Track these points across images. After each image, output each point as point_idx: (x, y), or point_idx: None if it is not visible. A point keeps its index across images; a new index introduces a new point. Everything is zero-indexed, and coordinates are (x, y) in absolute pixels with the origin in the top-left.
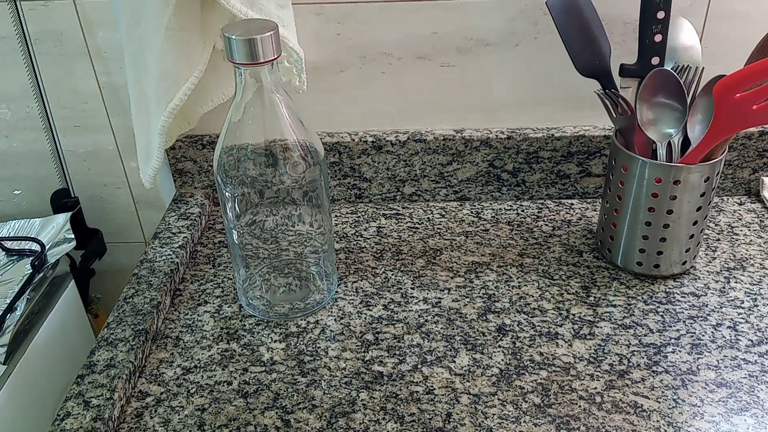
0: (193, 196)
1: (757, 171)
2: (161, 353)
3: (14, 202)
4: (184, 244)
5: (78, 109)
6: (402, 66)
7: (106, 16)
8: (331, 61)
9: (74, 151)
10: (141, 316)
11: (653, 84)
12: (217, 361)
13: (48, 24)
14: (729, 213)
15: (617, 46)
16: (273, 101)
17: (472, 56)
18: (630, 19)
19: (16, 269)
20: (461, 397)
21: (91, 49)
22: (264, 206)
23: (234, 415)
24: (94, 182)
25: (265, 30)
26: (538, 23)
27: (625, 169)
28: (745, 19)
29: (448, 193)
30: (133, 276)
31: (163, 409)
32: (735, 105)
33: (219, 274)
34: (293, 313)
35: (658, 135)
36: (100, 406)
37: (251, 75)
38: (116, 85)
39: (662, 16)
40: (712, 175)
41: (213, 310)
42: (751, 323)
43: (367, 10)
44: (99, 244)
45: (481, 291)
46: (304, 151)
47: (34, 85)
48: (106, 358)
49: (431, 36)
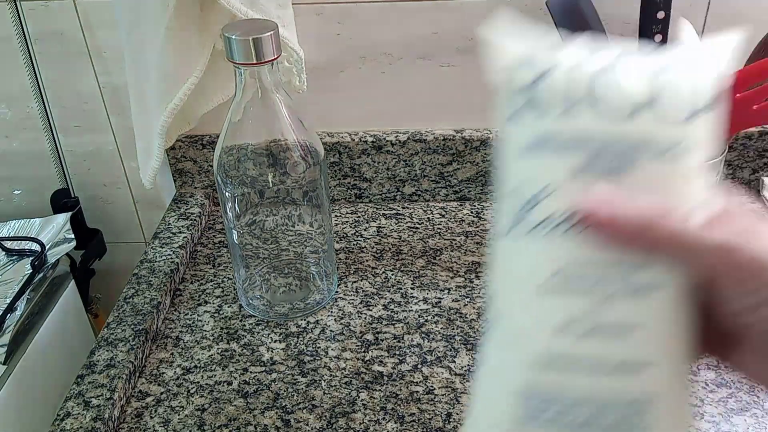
0: (193, 196)
1: (758, 171)
2: (161, 353)
3: (14, 202)
4: (184, 244)
5: (78, 109)
6: (402, 66)
7: (106, 16)
8: (331, 61)
9: (74, 151)
10: (141, 316)
11: None
12: (217, 361)
13: (48, 24)
14: None
15: None
16: (273, 101)
17: (473, 56)
18: (630, 19)
19: (16, 269)
20: (461, 397)
21: (91, 49)
22: (264, 206)
23: (234, 415)
24: (94, 182)
25: (265, 30)
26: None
27: None
28: (745, 20)
29: (448, 193)
30: (133, 276)
31: (163, 409)
32: (735, 105)
33: (219, 274)
34: (293, 313)
35: None
36: (100, 406)
37: (251, 75)
38: (116, 85)
39: (662, 17)
40: None
41: (213, 310)
42: None
43: (367, 10)
44: (99, 244)
45: (481, 291)
46: (304, 151)
47: (34, 85)
48: (106, 358)
49: (431, 36)
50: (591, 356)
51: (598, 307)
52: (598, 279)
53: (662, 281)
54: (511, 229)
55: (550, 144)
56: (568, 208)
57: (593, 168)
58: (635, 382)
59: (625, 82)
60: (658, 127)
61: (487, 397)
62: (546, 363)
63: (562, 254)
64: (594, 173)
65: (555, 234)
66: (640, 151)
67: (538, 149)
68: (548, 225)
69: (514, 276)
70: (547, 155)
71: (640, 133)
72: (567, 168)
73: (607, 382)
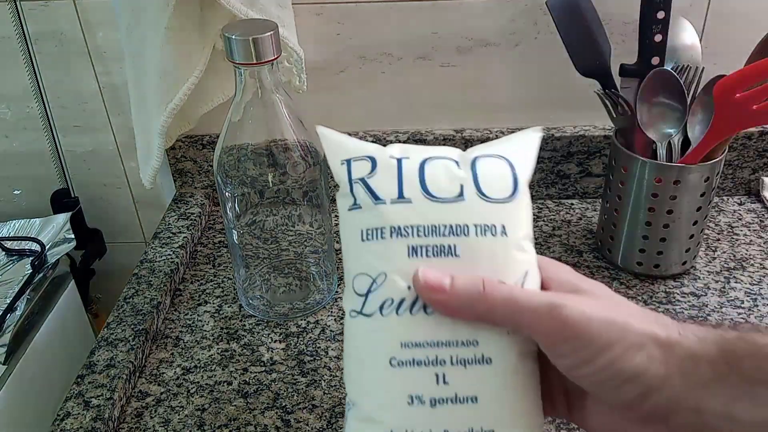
0: (193, 196)
1: (757, 171)
2: (161, 353)
3: (14, 202)
4: (184, 244)
5: (78, 109)
6: (402, 66)
7: (106, 16)
8: (331, 61)
9: (74, 151)
10: (141, 316)
11: (653, 84)
12: (217, 361)
13: (48, 24)
14: (729, 213)
15: (617, 46)
16: (273, 101)
17: (472, 56)
18: (630, 18)
19: (16, 269)
20: None
21: (91, 49)
22: (264, 206)
23: (234, 415)
24: (94, 182)
25: (265, 30)
26: (538, 23)
27: (625, 170)
28: (745, 19)
29: None
30: (133, 276)
31: (163, 409)
32: (735, 105)
33: (219, 274)
34: (293, 313)
35: (658, 135)
36: (100, 406)
37: (251, 75)
38: (116, 85)
39: (662, 16)
40: (712, 175)
41: (213, 310)
42: (751, 323)
43: (367, 10)
44: (99, 244)
45: None
46: (304, 151)
47: (34, 85)
48: (106, 358)
49: (431, 36)
50: (442, 423)
51: (440, 380)
52: (435, 355)
53: (495, 354)
54: (360, 311)
55: (386, 230)
56: (407, 287)
57: (427, 250)
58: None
59: (448, 172)
60: (482, 208)
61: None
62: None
63: (404, 331)
64: (428, 254)
65: (398, 313)
66: (468, 230)
67: (376, 235)
68: (391, 305)
69: (367, 353)
70: (385, 241)
71: (466, 214)
72: (403, 251)
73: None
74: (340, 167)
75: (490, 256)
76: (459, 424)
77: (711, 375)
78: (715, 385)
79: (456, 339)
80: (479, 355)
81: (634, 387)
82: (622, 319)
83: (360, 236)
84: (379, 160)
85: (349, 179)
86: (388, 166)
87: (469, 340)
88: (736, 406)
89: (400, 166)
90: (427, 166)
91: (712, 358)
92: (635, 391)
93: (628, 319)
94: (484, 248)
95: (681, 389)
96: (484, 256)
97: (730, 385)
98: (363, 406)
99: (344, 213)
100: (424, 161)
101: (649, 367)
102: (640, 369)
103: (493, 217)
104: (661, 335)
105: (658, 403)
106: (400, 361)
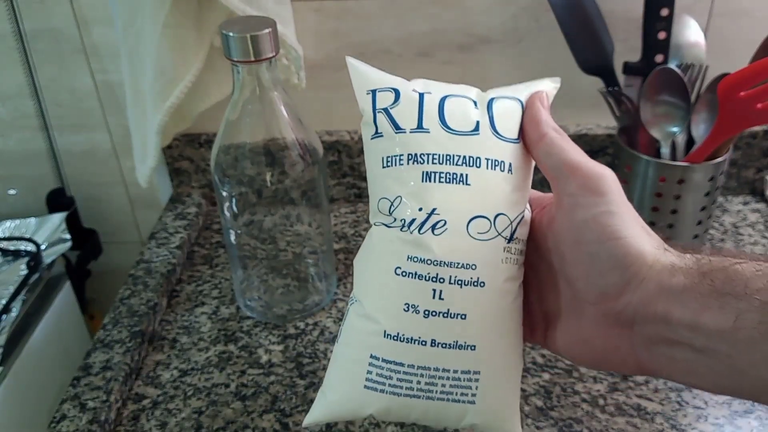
0: (190, 196)
1: (762, 170)
2: (158, 355)
3: (9, 201)
4: (180, 244)
5: (74, 108)
6: (402, 63)
7: (102, 13)
8: (330, 58)
9: (70, 150)
10: (137, 318)
11: (657, 82)
12: (215, 364)
13: (44, 22)
14: (733, 213)
15: (620, 44)
16: (271, 99)
17: (474, 53)
18: (633, 16)
19: (11, 270)
20: None
21: (87, 47)
22: (262, 206)
23: (232, 418)
24: (90, 182)
25: (263, 27)
26: (540, 20)
27: (628, 168)
28: (750, 17)
29: None
30: (130, 277)
31: (159, 412)
32: (739, 103)
33: (216, 275)
34: (291, 315)
35: (661, 133)
36: (96, 409)
37: (249, 73)
38: (112, 83)
39: (666, 14)
40: (716, 175)
41: (210, 311)
42: (734, 251)
43: (366, 6)
44: (95, 245)
45: None
46: (302, 149)
47: (29, 83)
48: (102, 360)
49: (432, 33)
50: (431, 333)
51: (436, 296)
52: (437, 273)
53: (488, 278)
54: (382, 223)
55: (403, 157)
56: (418, 209)
57: (440, 176)
58: (468, 356)
59: (466, 108)
60: (494, 144)
61: (342, 361)
62: (394, 334)
63: (412, 247)
64: (441, 180)
65: (410, 230)
66: (480, 162)
67: (394, 162)
68: (404, 223)
69: (378, 258)
70: (402, 167)
71: (480, 147)
72: (417, 176)
73: (444, 355)
74: (366, 97)
75: (497, 189)
76: (446, 336)
77: (684, 284)
78: (686, 295)
79: (457, 261)
80: (475, 278)
81: (619, 276)
82: None
83: (381, 163)
84: (402, 93)
85: (373, 109)
86: (411, 99)
87: (469, 264)
88: (703, 314)
89: (422, 100)
90: (447, 102)
91: (687, 270)
92: (617, 280)
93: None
94: (492, 181)
95: (654, 294)
96: (492, 189)
97: (701, 295)
98: (364, 304)
99: (367, 141)
100: (445, 97)
101: (635, 262)
102: (631, 259)
103: (504, 154)
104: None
105: (630, 302)
106: (405, 272)
